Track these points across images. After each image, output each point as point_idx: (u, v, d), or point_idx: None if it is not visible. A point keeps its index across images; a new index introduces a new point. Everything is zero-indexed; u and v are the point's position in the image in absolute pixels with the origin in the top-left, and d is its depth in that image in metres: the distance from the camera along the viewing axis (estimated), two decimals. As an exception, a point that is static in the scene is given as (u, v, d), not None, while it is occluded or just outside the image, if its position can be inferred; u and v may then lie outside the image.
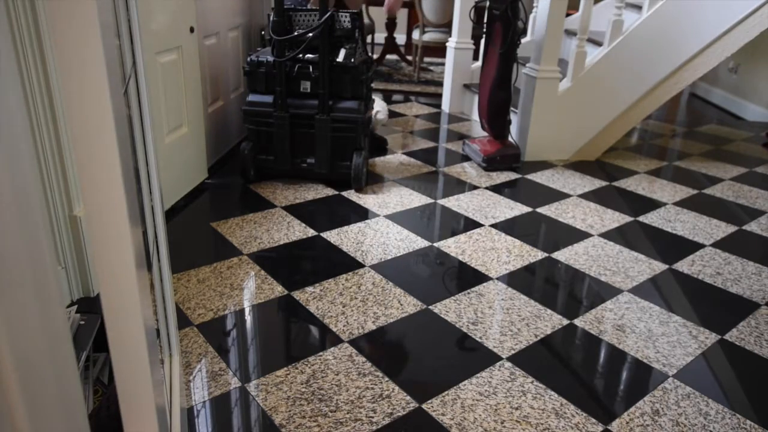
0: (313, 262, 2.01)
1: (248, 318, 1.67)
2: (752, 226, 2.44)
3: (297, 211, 2.36)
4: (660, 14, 2.88)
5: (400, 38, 6.27)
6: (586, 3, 2.90)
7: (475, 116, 3.77)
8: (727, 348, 1.63)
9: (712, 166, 3.19)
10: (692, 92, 5.19)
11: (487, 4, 2.94)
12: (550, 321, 1.71)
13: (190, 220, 2.25)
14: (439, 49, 4.71)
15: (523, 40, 3.37)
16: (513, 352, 1.56)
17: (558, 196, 2.66)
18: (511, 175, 2.88)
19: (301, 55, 2.42)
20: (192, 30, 2.34)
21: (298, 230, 2.19)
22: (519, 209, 2.49)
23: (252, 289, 1.80)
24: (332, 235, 2.16)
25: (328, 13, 2.37)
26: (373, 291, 1.82)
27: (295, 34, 2.42)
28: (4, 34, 0.50)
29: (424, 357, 1.54)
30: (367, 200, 2.49)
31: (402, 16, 6.36)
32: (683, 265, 2.08)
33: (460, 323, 1.68)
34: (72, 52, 0.50)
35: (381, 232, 2.21)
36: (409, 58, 5.70)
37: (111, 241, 0.57)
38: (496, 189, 2.70)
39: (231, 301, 1.73)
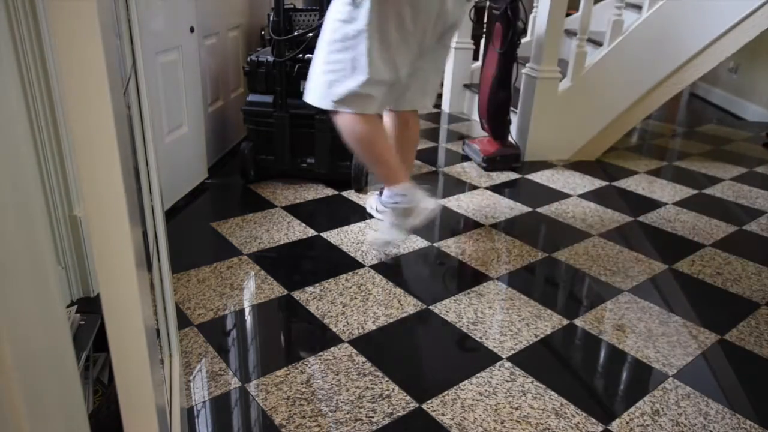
0: (313, 262, 2.01)
1: (248, 318, 1.67)
2: (752, 226, 2.44)
3: (297, 211, 2.36)
4: (660, 14, 2.88)
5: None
6: (586, 3, 2.90)
7: (475, 116, 3.77)
8: (727, 348, 1.63)
9: (712, 166, 3.19)
10: (692, 92, 5.19)
11: (487, 4, 2.94)
12: (550, 321, 1.71)
13: (190, 220, 2.25)
14: (439, 49, 4.70)
15: (523, 40, 3.37)
16: (513, 352, 1.57)
17: (558, 196, 2.66)
18: (511, 175, 2.88)
19: (301, 55, 2.42)
20: (192, 30, 2.34)
21: (298, 230, 2.19)
22: (519, 209, 2.49)
23: (252, 289, 1.80)
24: (332, 235, 2.16)
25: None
26: (373, 291, 1.82)
27: (295, 34, 2.42)
28: (4, 34, 0.50)
29: (424, 357, 1.54)
30: (367, 200, 2.49)
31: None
32: (683, 265, 2.08)
33: (460, 323, 1.68)
34: (72, 52, 0.50)
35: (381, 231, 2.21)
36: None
37: (111, 241, 0.57)
38: (496, 189, 2.70)
39: (231, 301, 1.73)
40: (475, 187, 2.71)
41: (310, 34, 2.39)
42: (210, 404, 1.34)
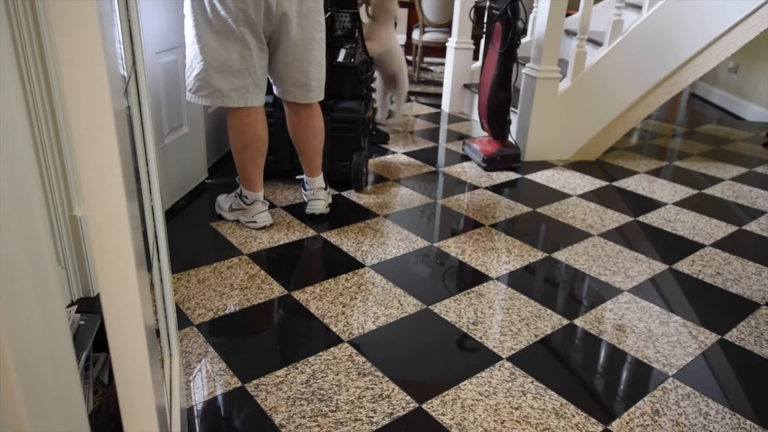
0: (313, 262, 2.01)
1: (248, 318, 1.67)
2: (752, 226, 2.44)
3: (297, 211, 2.36)
4: (660, 14, 2.88)
5: (400, 38, 6.27)
6: (586, 3, 2.90)
7: (475, 116, 3.77)
8: (727, 348, 1.63)
9: (712, 166, 3.19)
10: (692, 92, 5.20)
11: (487, 4, 2.94)
12: (550, 321, 1.71)
13: (190, 220, 2.25)
14: (439, 49, 4.71)
15: (523, 40, 3.37)
16: (513, 352, 1.56)
17: (558, 196, 2.66)
18: (511, 175, 2.88)
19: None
20: (192, 30, 2.33)
21: (298, 230, 2.19)
22: (519, 209, 2.49)
23: (252, 289, 1.80)
24: (332, 235, 2.16)
25: (328, 13, 2.37)
26: (373, 291, 1.82)
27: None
28: (4, 34, 0.50)
29: (424, 357, 1.54)
30: (367, 200, 2.49)
31: (402, 16, 6.36)
32: (683, 265, 2.08)
33: (460, 323, 1.68)
34: (72, 52, 0.50)
35: (381, 232, 2.21)
36: (409, 58, 5.70)
37: (111, 241, 0.57)
38: (496, 189, 2.70)
39: (231, 301, 1.73)
40: (475, 187, 2.71)
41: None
42: (210, 404, 1.34)
